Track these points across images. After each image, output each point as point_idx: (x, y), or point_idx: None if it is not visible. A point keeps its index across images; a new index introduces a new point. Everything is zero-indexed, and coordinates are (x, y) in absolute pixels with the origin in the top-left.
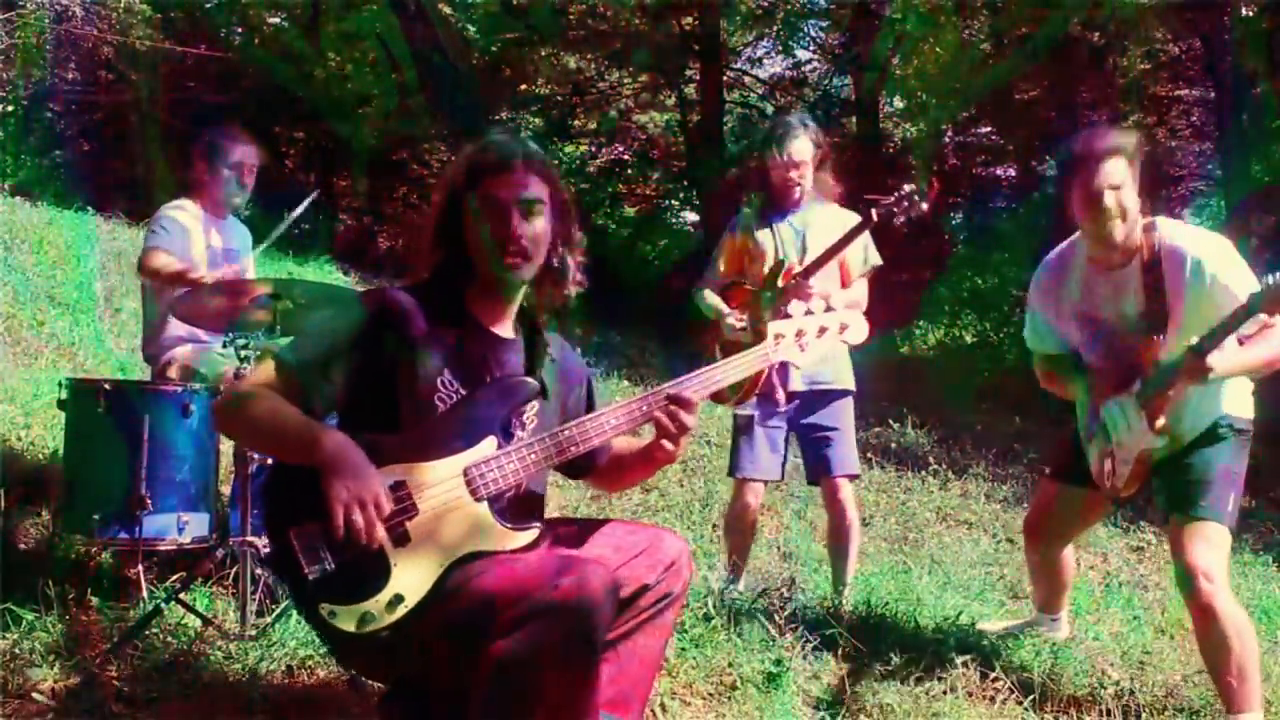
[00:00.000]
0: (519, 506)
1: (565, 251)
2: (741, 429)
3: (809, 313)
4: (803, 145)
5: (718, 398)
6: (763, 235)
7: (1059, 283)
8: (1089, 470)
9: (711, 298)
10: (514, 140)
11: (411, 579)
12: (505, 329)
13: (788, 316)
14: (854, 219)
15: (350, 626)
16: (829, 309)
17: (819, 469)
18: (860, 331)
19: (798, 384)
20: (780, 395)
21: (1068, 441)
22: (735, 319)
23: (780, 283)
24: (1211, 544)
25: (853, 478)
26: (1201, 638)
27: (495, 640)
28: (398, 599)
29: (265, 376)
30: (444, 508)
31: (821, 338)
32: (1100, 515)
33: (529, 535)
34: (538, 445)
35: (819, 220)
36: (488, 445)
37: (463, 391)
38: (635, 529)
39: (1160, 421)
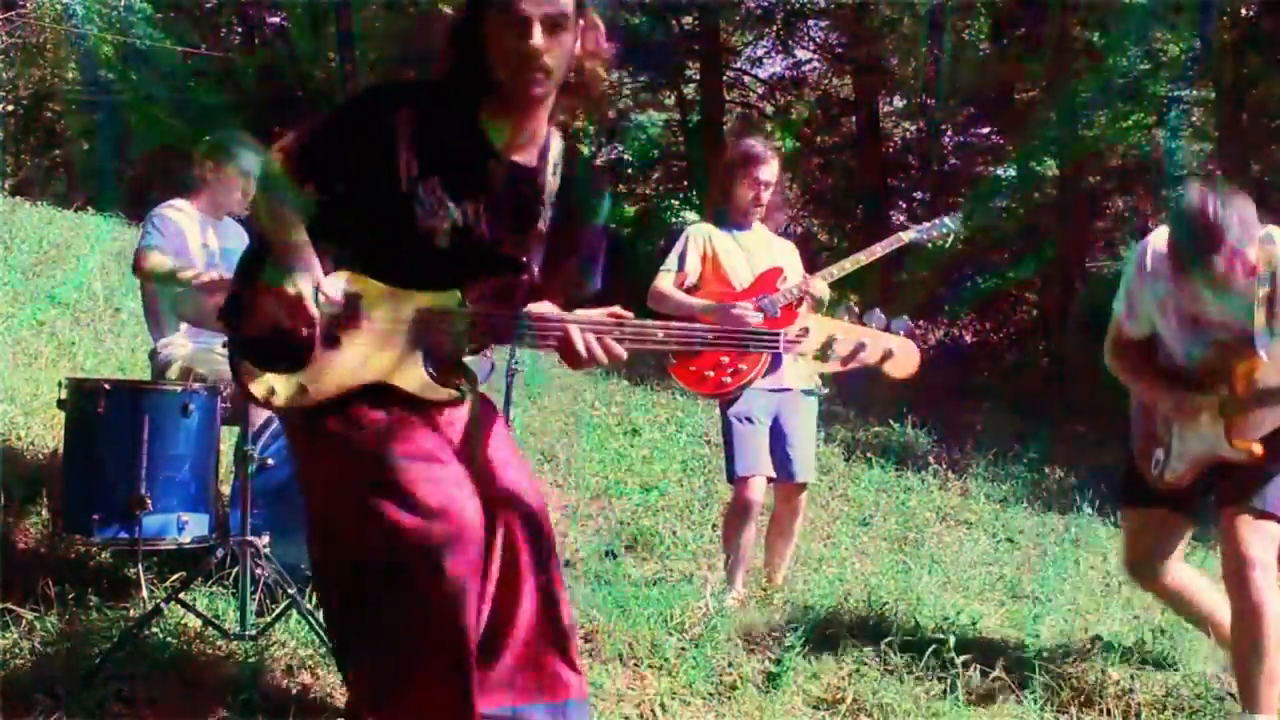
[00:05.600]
0: (452, 367)
1: (589, 65)
2: (737, 427)
3: (861, 323)
4: (773, 169)
5: (718, 391)
6: (730, 246)
7: (1165, 273)
8: (1150, 488)
9: (688, 297)
10: None
11: (323, 377)
12: (521, 154)
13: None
14: (784, 243)
15: (259, 393)
16: (885, 328)
17: (785, 470)
18: (906, 366)
19: (787, 380)
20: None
21: (1129, 466)
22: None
23: (780, 286)
24: (1269, 539)
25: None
26: (1241, 632)
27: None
28: (301, 389)
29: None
30: (382, 334)
31: (852, 356)
32: (1184, 529)
33: (447, 393)
34: (498, 318)
35: (766, 240)
36: (450, 297)
37: (450, 207)
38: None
39: (1239, 438)
